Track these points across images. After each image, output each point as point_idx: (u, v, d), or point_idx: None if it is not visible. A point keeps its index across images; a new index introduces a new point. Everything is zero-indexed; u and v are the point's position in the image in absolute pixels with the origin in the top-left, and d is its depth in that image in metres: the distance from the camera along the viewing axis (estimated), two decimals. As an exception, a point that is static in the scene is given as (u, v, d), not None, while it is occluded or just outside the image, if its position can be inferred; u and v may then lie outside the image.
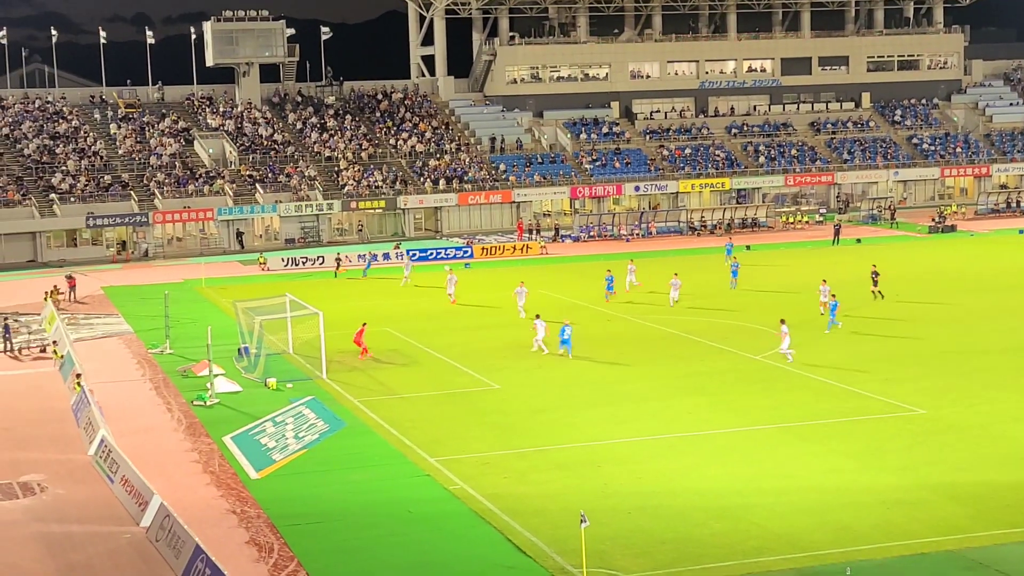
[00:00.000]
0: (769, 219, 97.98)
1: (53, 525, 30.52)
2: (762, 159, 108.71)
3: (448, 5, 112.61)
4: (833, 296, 52.51)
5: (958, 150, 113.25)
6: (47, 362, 51.23)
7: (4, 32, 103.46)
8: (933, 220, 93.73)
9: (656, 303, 59.04)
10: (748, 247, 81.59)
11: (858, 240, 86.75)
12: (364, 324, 50.59)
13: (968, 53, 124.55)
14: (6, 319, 57.00)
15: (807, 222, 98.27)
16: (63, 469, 35.32)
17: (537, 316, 50.42)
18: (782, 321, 47.47)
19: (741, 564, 26.25)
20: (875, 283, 60.11)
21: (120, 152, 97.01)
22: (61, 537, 29.64)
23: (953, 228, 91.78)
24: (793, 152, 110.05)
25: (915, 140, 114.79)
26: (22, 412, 42.69)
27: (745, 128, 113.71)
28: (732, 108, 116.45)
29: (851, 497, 30.32)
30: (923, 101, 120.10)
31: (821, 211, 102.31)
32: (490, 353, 49.68)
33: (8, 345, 54.23)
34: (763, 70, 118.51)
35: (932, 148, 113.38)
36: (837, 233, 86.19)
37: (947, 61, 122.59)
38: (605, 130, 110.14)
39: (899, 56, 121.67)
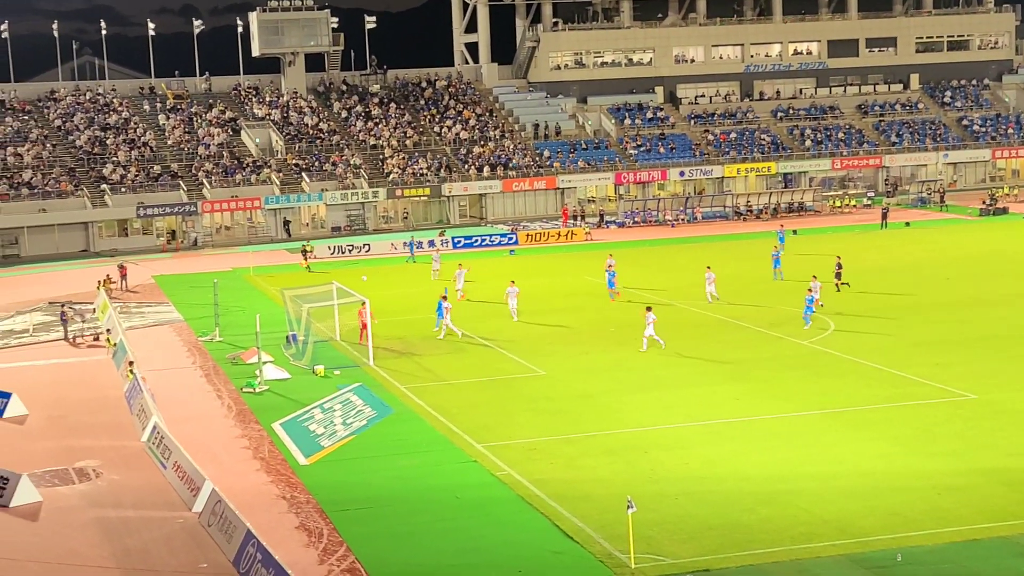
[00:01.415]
0: (816, 203, 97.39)
1: (109, 510, 30.91)
2: (808, 143, 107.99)
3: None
4: (809, 291, 51.29)
5: (1009, 131, 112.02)
6: (100, 350, 51.82)
7: (56, 25, 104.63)
8: (984, 203, 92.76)
9: (698, 291, 58.46)
10: (795, 231, 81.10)
11: (907, 224, 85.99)
12: (364, 303, 48.76)
13: (1020, 32, 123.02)
14: (63, 307, 57.73)
15: (855, 206, 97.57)
16: (117, 455, 35.75)
17: (443, 298, 51.39)
18: (648, 308, 47.22)
19: (789, 550, 26.17)
20: (838, 275, 58.17)
21: (169, 142, 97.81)
22: (117, 522, 30.01)
23: (1005, 211, 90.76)
24: (840, 135, 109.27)
25: (965, 121, 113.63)
26: (77, 400, 43.21)
27: (791, 111, 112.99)
28: (778, 91, 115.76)
29: (901, 482, 30.13)
30: (973, 82, 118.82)
31: (869, 195, 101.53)
32: (535, 339, 49.75)
33: (65, 332, 55.00)
34: (809, 53, 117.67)
35: (983, 129, 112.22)
36: (885, 217, 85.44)
37: (998, 41, 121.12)
38: (649, 115, 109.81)
39: (948, 36, 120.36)
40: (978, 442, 33.37)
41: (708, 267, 57.83)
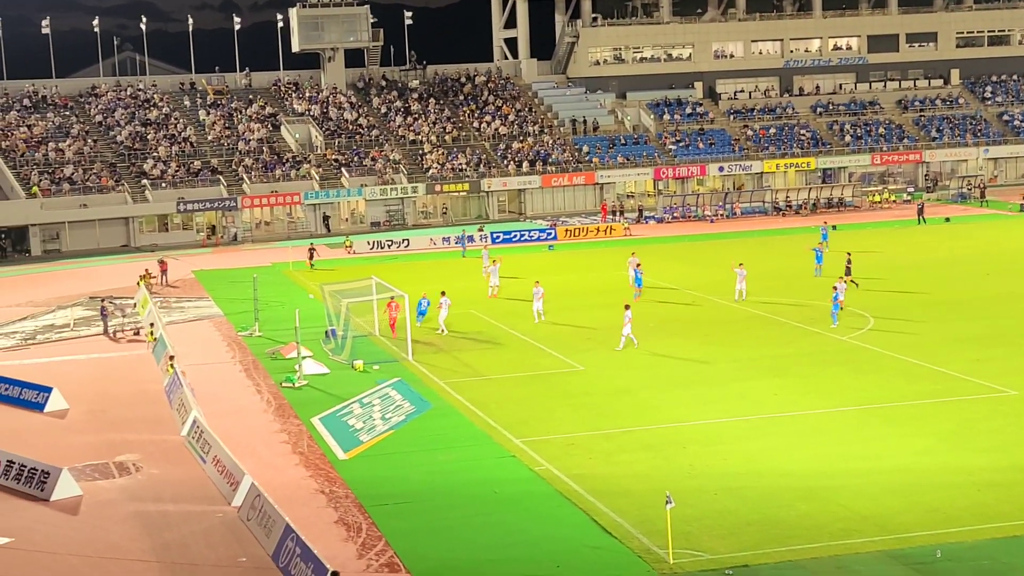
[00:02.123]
0: (856, 199, 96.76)
1: (149, 504, 31.09)
2: (848, 138, 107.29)
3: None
4: (834, 288, 50.57)
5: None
6: (140, 345, 52.14)
7: (97, 21, 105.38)
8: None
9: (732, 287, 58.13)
10: (834, 227, 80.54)
11: (947, 219, 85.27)
12: (392, 299, 50.44)
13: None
14: (103, 302, 58.12)
15: (894, 201, 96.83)
16: (157, 450, 35.96)
17: (443, 294, 51.53)
18: (627, 307, 46.91)
19: (828, 546, 26.01)
20: (848, 272, 56.90)
21: (209, 138, 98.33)
22: (156, 516, 30.19)
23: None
24: (880, 131, 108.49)
25: (1006, 117, 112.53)
26: (117, 394, 43.49)
27: (831, 107, 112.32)
28: (817, 87, 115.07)
29: (941, 478, 29.90)
30: (1014, 77, 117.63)
31: (909, 190, 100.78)
32: (574, 335, 49.68)
33: (105, 327, 55.38)
34: (849, 48, 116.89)
35: (1023, 125, 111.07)
36: (921, 212, 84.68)
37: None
38: (689, 111, 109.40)
39: (989, 31, 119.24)
40: (1019, 438, 33.08)
41: (740, 264, 57.21)
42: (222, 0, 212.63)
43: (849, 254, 59.34)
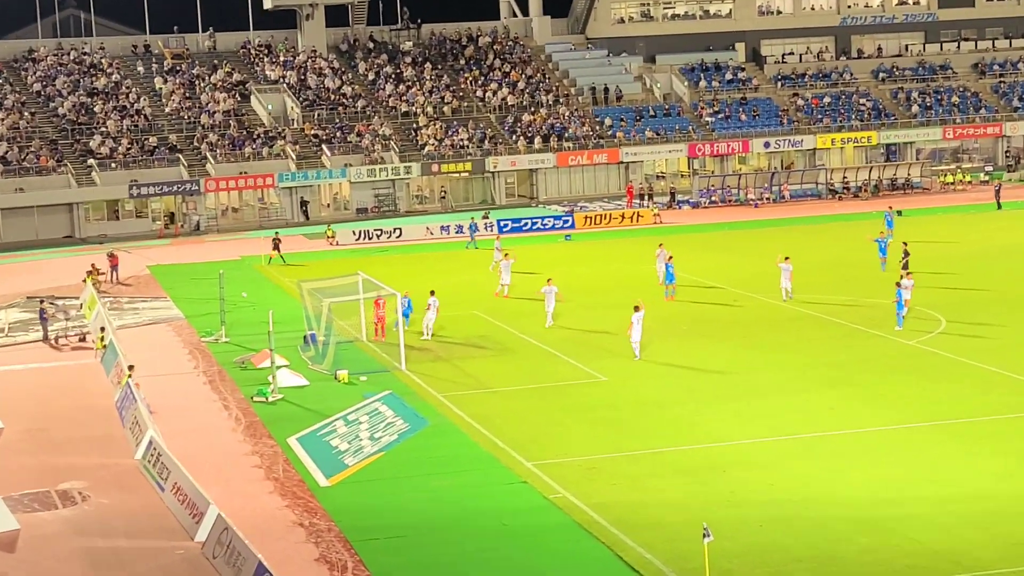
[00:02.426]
0: (924, 179, 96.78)
1: (97, 539, 31.16)
2: (915, 108, 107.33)
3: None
4: (897, 285, 50.15)
5: None
6: (87, 352, 52.26)
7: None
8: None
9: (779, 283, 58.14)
10: (899, 212, 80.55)
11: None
12: (379, 297, 50.76)
13: None
14: (43, 303, 58.25)
15: (970, 182, 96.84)
16: (107, 475, 36.04)
17: (431, 293, 51.65)
18: (636, 308, 46.41)
19: (893, 586, 26.09)
20: (905, 266, 56.61)
21: (166, 110, 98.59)
22: (106, 553, 30.26)
23: None
24: (953, 99, 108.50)
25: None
26: (60, 410, 43.58)
27: (895, 72, 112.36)
28: (879, 48, 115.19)
29: (1024, 507, 29.98)
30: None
31: (987, 168, 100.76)
32: (594, 339, 49.74)
33: (45, 332, 55.48)
34: (916, 3, 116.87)
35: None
36: (998, 195, 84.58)
37: None
38: (729, 76, 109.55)
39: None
40: (1118, 460, 33.11)
41: (786, 257, 56.53)
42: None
43: (906, 244, 59.28)
